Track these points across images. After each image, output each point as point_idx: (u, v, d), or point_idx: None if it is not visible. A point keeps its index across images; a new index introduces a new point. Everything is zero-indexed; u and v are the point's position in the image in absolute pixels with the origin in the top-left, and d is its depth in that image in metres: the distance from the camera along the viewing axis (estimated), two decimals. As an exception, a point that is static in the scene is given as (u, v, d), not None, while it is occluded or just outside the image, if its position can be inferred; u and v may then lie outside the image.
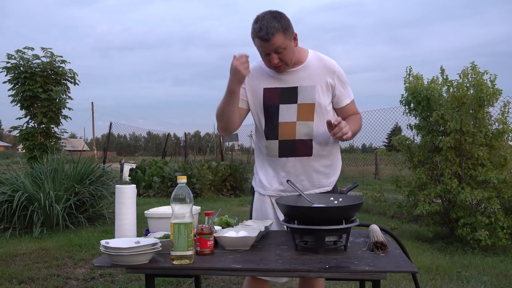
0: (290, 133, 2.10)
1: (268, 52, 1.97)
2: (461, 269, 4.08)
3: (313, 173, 2.13)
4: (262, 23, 1.92)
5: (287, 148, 2.10)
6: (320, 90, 2.08)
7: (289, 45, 1.97)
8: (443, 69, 5.32)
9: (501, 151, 5.06)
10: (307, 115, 2.09)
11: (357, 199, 1.82)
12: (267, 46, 1.95)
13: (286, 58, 1.99)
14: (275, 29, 1.91)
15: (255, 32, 1.94)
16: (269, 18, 1.93)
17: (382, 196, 5.88)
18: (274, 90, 2.11)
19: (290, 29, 1.97)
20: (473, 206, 5.09)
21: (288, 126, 2.09)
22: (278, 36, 1.92)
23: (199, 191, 9.28)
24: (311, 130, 2.09)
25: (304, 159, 2.11)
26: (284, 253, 1.66)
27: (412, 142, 5.62)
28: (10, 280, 3.73)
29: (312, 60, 2.11)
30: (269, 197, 2.19)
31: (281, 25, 1.92)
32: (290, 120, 2.09)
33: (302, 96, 2.09)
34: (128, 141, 54.37)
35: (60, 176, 6.13)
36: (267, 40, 1.92)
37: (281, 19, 1.94)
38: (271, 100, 2.11)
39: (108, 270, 3.95)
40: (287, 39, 1.96)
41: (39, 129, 8.21)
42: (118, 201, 1.78)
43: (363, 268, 1.43)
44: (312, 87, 2.08)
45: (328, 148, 2.15)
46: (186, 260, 1.52)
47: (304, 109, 2.08)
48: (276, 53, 1.96)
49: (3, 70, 8.00)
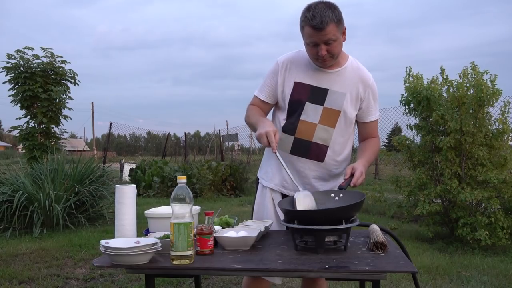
0: (308, 134, 2.06)
1: (318, 42, 1.89)
2: (461, 269, 4.08)
3: (318, 180, 2.10)
4: (316, 11, 1.85)
5: (301, 147, 2.06)
6: (350, 99, 2.05)
7: (339, 37, 1.92)
8: (443, 69, 5.32)
9: (501, 151, 5.06)
10: (330, 121, 2.05)
11: (358, 196, 1.80)
12: (319, 35, 1.87)
13: (335, 50, 1.93)
14: (330, 19, 1.84)
15: (307, 20, 1.86)
16: (323, 7, 1.86)
17: (382, 196, 5.88)
18: (304, 86, 2.05)
19: (342, 21, 1.92)
20: (473, 206, 5.09)
21: (308, 126, 2.05)
22: (332, 26, 1.85)
23: (199, 191, 9.28)
24: (329, 136, 2.06)
25: (314, 163, 2.07)
26: (284, 253, 1.66)
27: (412, 142, 5.62)
28: (10, 280, 3.73)
29: (349, 67, 2.07)
30: (270, 190, 2.17)
31: (335, 15, 1.87)
32: (312, 121, 2.05)
33: (330, 100, 2.04)
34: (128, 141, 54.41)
35: (60, 176, 6.13)
36: (320, 29, 1.85)
37: (335, 10, 1.89)
38: (299, 95, 2.05)
39: (108, 270, 3.95)
40: (338, 31, 1.90)
41: (39, 129, 8.22)
42: (118, 201, 1.78)
43: (363, 268, 1.43)
44: (343, 94, 2.04)
45: (340, 159, 2.13)
46: (186, 260, 1.52)
47: (328, 113, 2.04)
48: (326, 44, 1.89)
49: (3, 70, 8.01)
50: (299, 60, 2.07)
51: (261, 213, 2.18)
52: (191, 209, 1.56)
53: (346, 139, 2.12)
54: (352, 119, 2.10)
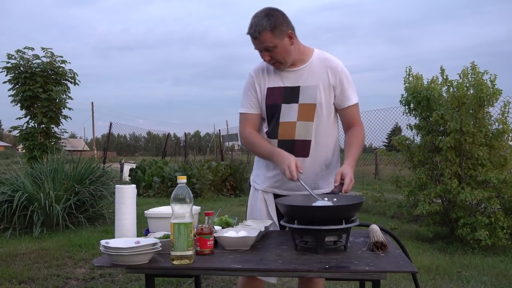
0: (289, 133, 2.09)
1: (259, 49, 2.01)
2: (461, 269, 4.08)
3: (310, 175, 2.11)
4: (253, 21, 1.96)
5: (286, 148, 2.08)
6: (323, 90, 2.07)
7: (280, 43, 1.98)
8: (443, 69, 5.32)
9: (501, 151, 5.06)
10: (307, 115, 2.07)
11: (357, 199, 1.82)
12: (256, 43, 1.99)
13: (278, 56, 2.00)
14: (263, 28, 1.94)
15: (248, 29, 1.98)
16: (261, 16, 1.96)
17: (382, 196, 5.88)
18: (277, 89, 2.10)
19: (282, 27, 1.97)
20: (473, 206, 5.09)
21: (288, 126, 2.09)
22: (266, 34, 1.94)
23: (199, 191, 9.28)
24: (310, 130, 2.08)
25: (301, 160, 2.08)
26: (284, 253, 1.66)
27: (412, 142, 5.62)
28: (10, 280, 3.73)
29: (316, 60, 2.10)
30: (262, 193, 2.20)
31: (269, 23, 1.94)
32: (290, 120, 2.08)
33: (303, 96, 2.07)
34: (128, 141, 54.42)
35: (60, 176, 6.13)
36: (255, 37, 1.97)
37: (272, 18, 1.95)
38: (273, 99, 2.10)
39: (108, 270, 3.95)
40: (276, 38, 1.96)
41: (39, 129, 8.22)
42: (118, 201, 1.78)
43: (363, 268, 1.43)
44: (315, 87, 2.07)
45: (326, 150, 2.14)
46: (186, 260, 1.52)
47: (305, 109, 2.07)
48: (266, 50, 1.99)
49: (3, 70, 8.01)
50: (268, 67, 2.14)
51: (254, 215, 2.21)
52: (191, 209, 1.56)
53: (328, 129, 2.13)
54: (330, 108, 2.11)
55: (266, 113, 2.13)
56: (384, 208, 6.12)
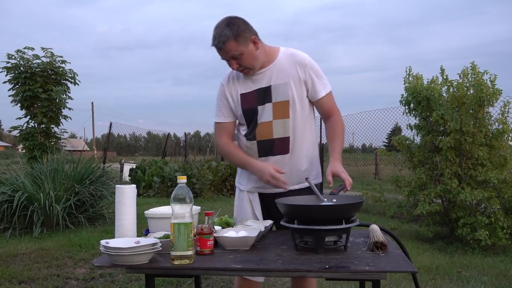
0: (267, 133, 2.12)
1: (226, 59, 2.03)
2: (461, 269, 4.08)
3: (294, 171, 2.13)
4: (216, 32, 1.98)
5: (265, 148, 2.12)
6: (294, 86, 2.09)
7: (245, 50, 2.00)
8: (443, 69, 5.32)
9: (501, 151, 5.06)
10: (282, 113, 2.10)
11: (357, 199, 1.82)
12: (222, 53, 2.01)
13: (246, 63, 2.03)
14: (226, 37, 1.96)
15: (212, 41, 2.00)
16: (223, 26, 1.98)
17: (382, 196, 5.88)
18: (250, 93, 2.14)
19: (245, 34, 2.00)
20: (473, 206, 5.09)
21: (265, 126, 2.12)
22: (230, 43, 1.97)
23: (199, 191, 9.28)
24: (287, 127, 2.11)
25: (282, 157, 2.12)
26: (284, 253, 1.66)
27: (412, 142, 5.62)
28: (10, 280, 3.73)
29: (282, 57, 2.12)
30: (247, 193, 2.22)
31: (232, 32, 1.96)
32: (267, 119, 2.11)
33: (276, 94, 2.10)
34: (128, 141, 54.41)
35: (60, 176, 6.13)
36: (220, 48, 1.99)
37: (234, 26, 1.97)
38: (248, 103, 2.14)
39: (108, 270, 3.95)
40: (241, 46, 1.99)
41: (39, 129, 8.22)
42: (118, 201, 1.78)
43: (363, 268, 1.43)
44: (285, 84, 2.09)
45: (306, 144, 2.17)
46: (186, 260, 1.52)
47: (279, 107, 2.10)
48: (233, 59, 2.01)
49: (3, 70, 8.00)
50: (238, 74, 2.16)
51: (241, 216, 2.22)
52: (191, 209, 1.56)
53: (305, 123, 2.15)
54: (303, 103, 2.13)
55: (244, 118, 2.16)
56: (384, 208, 6.12)
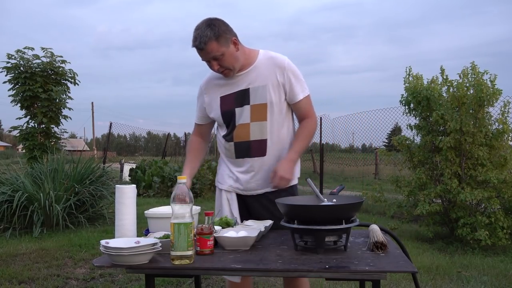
0: (244, 135, 2.13)
1: (207, 59, 2.04)
2: (461, 269, 4.08)
3: (269, 172, 2.13)
4: (196, 33, 1.98)
5: (242, 149, 2.14)
6: (272, 89, 2.10)
7: (226, 51, 2.01)
8: (443, 69, 5.32)
9: (501, 151, 5.06)
10: (260, 115, 2.11)
11: (357, 199, 1.82)
12: (203, 54, 2.01)
13: (226, 63, 2.04)
14: (208, 38, 1.96)
15: (192, 42, 2.00)
16: (204, 27, 1.98)
17: (382, 196, 5.88)
18: (229, 96, 2.15)
19: (226, 35, 2.01)
20: (473, 206, 5.10)
21: (243, 128, 2.13)
22: (211, 44, 1.97)
23: (199, 191, 9.28)
24: (265, 130, 2.12)
25: (259, 159, 2.13)
26: (284, 253, 1.66)
27: (412, 142, 5.62)
28: (10, 280, 3.73)
29: (262, 60, 2.13)
30: (225, 192, 2.24)
31: (213, 33, 1.97)
32: (244, 121, 2.13)
33: (254, 97, 2.11)
34: (128, 141, 54.37)
35: (60, 176, 6.13)
36: (201, 49, 1.99)
37: (215, 27, 1.98)
38: (227, 106, 2.16)
39: (108, 270, 3.95)
40: (222, 46, 2.00)
41: (39, 129, 8.22)
42: (118, 201, 1.78)
43: (363, 268, 1.43)
44: (264, 87, 2.10)
45: (283, 147, 2.17)
46: (186, 260, 1.52)
47: (257, 109, 2.11)
48: (214, 59, 2.02)
49: (3, 70, 8.00)
50: (217, 76, 2.18)
51: (220, 214, 2.23)
52: (191, 209, 1.56)
53: (282, 126, 2.16)
54: (281, 106, 2.14)
55: (222, 120, 2.18)
56: (384, 208, 6.12)
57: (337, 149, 15.70)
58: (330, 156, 15.06)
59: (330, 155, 15.08)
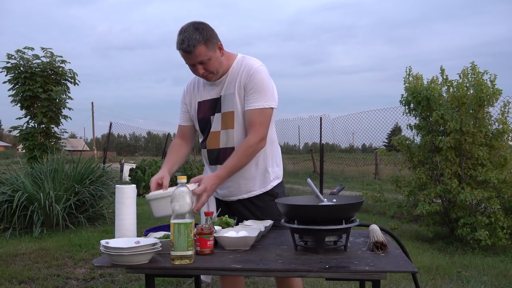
0: (215, 142, 2.14)
1: (193, 63, 2.00)
2: (461, 269, 4.08)
3: (239, 180, 2.12)
4: (184, 36, 1.93)
5: (213, 156, 2.15)
6: (238, 96, 2.07)
7: (213, 55, 1.99)
8: (443, 69, 5.33)
9: (501, 151, 5.07)
10: (228, 123, 2.10)
11: (357, 199, 1.82)
12: (191, 58, 1.97)
13: (212, 68, 2.01)
14: (197, 41, 1.92)
15: (178, 44, 1.96)
16: (191, 30, 1.94)
17: (382, 196, 5.88)
18: (205, 102, 2.16)
19: (213, 39, 1.99)
20: (473, 206, 5.10)
21: (214, 136, 2.14)
22: (200, 48, 1.94)
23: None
24: (231, 138, 2.10)
25: None
26: (284, 253, 1.66)
27: (412, 142, 5.62)
28: (10, 280, 3.73)
29: (235, 67, 2.10)
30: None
31: (202, 36, 1.94)
32: (215, 129, 2.14)
33: (224, 105, 2.11)
34: (128, 141, 54.38)
35: (60, 176, 6.13)
36: (189, 52, 1.94)
37: (203, 31, 1.95)
38: (203, 112, 2.17)
39: (108, 270, 3.95)
40: (210, 50, 1.97)
41: (39, 129, 8.22)
42: (118, 201, 1.78)
43: (363, 268, 1.43)
44: (232, 94, 2.08)
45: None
46: (186, 260, 1.52)
47: (226, 117, 2.11)
48: (200, 63, 1.99)
49: (3, 70, 8.01)
50: (199, 81, 2.19)
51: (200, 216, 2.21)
52: (191, 209, 1.56)
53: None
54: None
55: (198, 127, 2.20)
56: (384, 208, 6.12)
57: (337, 149, 15.70)
58: (330, 156, 15.06)
59: (330, 155, 15.07)
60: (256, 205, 2.17)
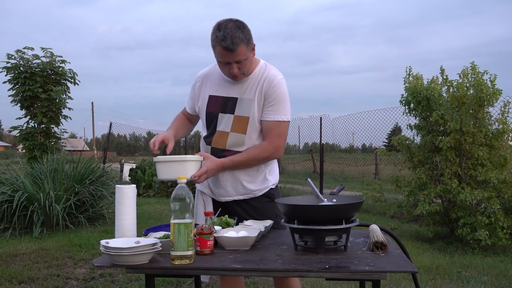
0: (221, 142, 2.12)
1: (230, 61, 1.96)
2: (461, 269, 4.08)
3: (238, 182, 2.14)
4: (226, 32, 1.90)
5: (216, 155, 2.11)
6: (257, 104, 2.07)
7: (249, 56, 1.99)
8: (443, 69, 5.33)
9: (501, 151, 5.07)
10: (240, 128, 2.09)
11: (357, 199, 1.82)
12: (231, 56, 1.93)
13: (245, 68, 2.01)
14: (240, 40, 1.91)
15: (218, 40, 1.91)
16: (233, 27, 1.91)
17: (382, 196, 5.88)
18: (217, 98, 2.14)
19: (251, 40, 1.99)
20: (473, 206, 5.10)
21: (222, 135, 2.12)
22: (242, 47, 1.93)
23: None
24: (241, 143, 2.09)
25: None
26: (284, 253, 1.66)
27: (412, 142, 5.62)
28: (10, 280, 3.73)
29: (257, 73, 2.09)
30: (201, 194, 2.25)
31: (245, 35, 1.93)
32: (224, 129, 2.11)
33: (239, 108, 2.09)
34: (128, 141, 54.34)
35: (60, 176, 6.13)
36: (232, 50, 1.91)
37: (245, 29, 1.95)
38: (213, 107, 2.14)
39: (108, 270, 3.95)
40: (248, 51, 1.97)
41: (39, 129, 8.22)
42: (118, 201, 1.78)
43: (363, 268, 1.43)
44: (251, 100, 2.07)
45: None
46: (186, 260, 1.52)
47: (239, 121, 2.09)
48: (237, 63, 1.97)
49: (3, 70, 8.00)
50: (214, 74, 2.16)
51: (197, 216, 2.23)
52: (191, 209, 1.56)
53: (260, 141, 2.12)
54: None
55: (205, 120, 2.18)
56: (384, 208, 6.12)
57: (337, 149, 15.69)
58: (330, 156, 15.05)
59: (330, 155, 15.07)
60: (252, 206, 2.17)
